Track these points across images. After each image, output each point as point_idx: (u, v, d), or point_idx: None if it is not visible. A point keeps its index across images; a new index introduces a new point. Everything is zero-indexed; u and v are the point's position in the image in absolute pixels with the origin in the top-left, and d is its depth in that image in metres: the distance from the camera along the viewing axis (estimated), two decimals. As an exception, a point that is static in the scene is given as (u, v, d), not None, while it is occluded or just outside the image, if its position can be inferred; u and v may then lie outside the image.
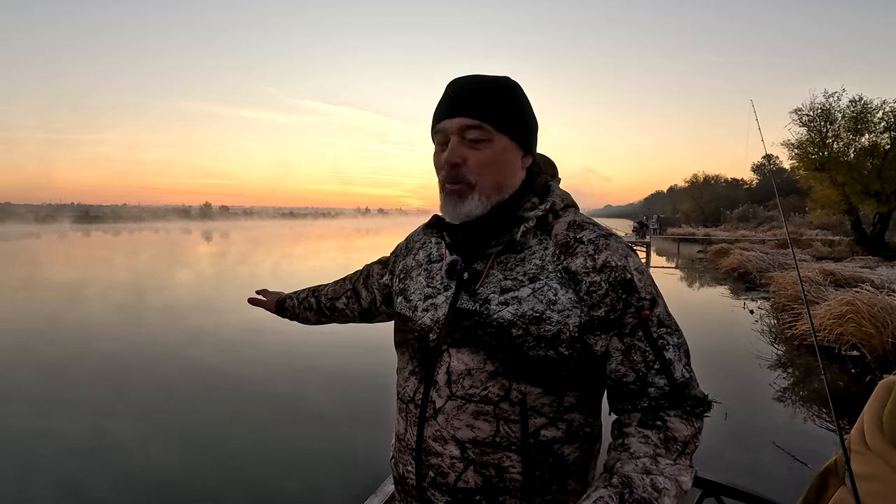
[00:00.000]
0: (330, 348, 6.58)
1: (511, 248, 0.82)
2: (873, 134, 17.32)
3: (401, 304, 0.92)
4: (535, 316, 0.76)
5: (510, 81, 0.84)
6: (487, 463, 0.78)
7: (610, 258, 0.77)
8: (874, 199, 16.99)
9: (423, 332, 0.84)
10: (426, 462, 0.82)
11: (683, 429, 0.74)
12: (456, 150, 0.80)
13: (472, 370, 0.78)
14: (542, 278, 0.78)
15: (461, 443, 0.78)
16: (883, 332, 5.97)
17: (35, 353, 6.68)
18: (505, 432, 0.77)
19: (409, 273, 0.95)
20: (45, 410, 4.70)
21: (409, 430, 0.84)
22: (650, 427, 0.73)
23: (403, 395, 0.87)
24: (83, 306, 10.03)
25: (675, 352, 0.76)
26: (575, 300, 0.76)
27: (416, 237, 1.01)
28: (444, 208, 0.84)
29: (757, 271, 13.67)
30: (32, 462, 3.74)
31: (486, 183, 0.81)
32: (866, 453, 0.92)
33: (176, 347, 6.94)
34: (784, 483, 3.41)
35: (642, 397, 0.75)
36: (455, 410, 0.79)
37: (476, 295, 0.80)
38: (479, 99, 0.80)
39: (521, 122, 0.83)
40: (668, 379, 0.75)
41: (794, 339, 7.17)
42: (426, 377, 0.82)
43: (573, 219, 0.84)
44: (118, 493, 3.34)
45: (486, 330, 0.77)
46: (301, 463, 3.73)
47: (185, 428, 4.34)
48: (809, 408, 4.89)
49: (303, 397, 5.03)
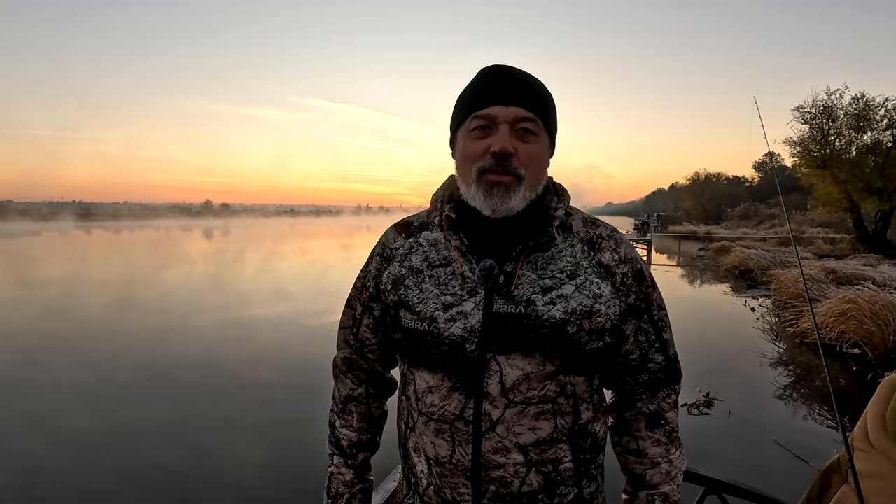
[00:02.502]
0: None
1: (540, 246, 0.80)
2: (875, 131, 17.28)
3: (407, 318, 0.82)
4: (585, 311, 0.77)
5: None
6: (546, 460, 0.78)
7: (627, 251, 0.84)
8: (876, 197, 16.95)
9: (455, 344, 0.77)
10: (486, 478, 0.77)
11: (675, 417, 0.88)
12: (509, 139, 0.76)
13: (530, 374, 0.76)
14: (580, 274, 0.79)
15: (524, 448, 0.77)
16: (885, 330, 5.97)
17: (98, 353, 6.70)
18: (560, 425, 0.78)
19: (401, 282, 0.84)
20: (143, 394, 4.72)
21: (459, 451, 0.78)
22: (657, 427, 0.86)
23: (444, 415, 0.79)
24: (100, 303, 10.05)
25: (669, 332, 0.88)
26: (612, 291, 0.80)
27: (394, 243, 0.89)
28: (481, 200, 0.78)
29: (758, 269, 13.66)
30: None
31: (531, 178, 0.79)
32: (869, 451, 0.92)
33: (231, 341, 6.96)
34: (786, 480, 3.41)
35: (643, 372, 0.85)
36: (515, 417, 0.76)
37: (513, 297, 0.77)
38: (535, 93, 0.79)
39: (556, 126, 0.84)
40: (665, 355, 0.86)
41: (795, 337, 7.17)
42: (474, 390, 0.76)
43: (584, 216, 0.87)
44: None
45: (539, 331, 0.75)
46: (300, 457, 3.73)
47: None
48: (811, 405, 4.90)
49: (307, 391, 5.04)
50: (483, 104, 0.78)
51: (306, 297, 11.02)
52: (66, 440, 4.07)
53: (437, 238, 0.85)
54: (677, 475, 0.86)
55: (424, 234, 0.87)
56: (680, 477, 0.87)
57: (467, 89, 0.82)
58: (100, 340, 7.19)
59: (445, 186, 0.89)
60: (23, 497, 3.32)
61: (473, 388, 0.77)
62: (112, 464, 3.68)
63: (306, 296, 11.14)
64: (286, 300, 10.44)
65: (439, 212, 0.85)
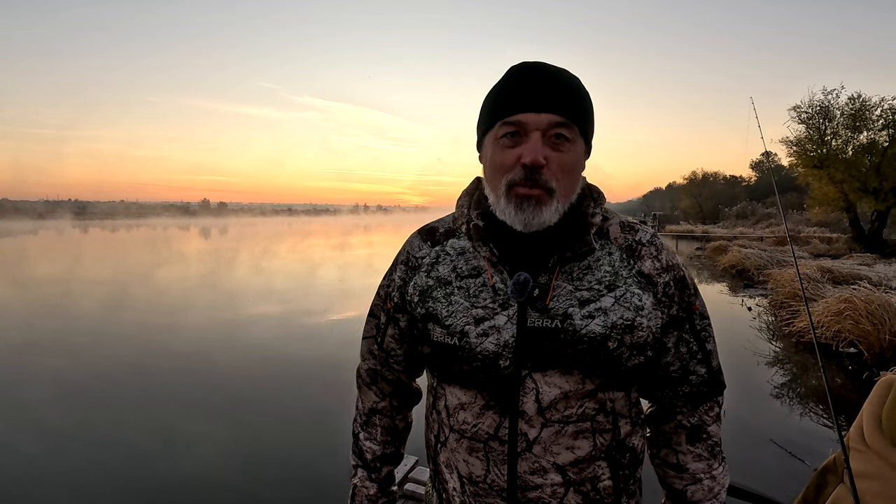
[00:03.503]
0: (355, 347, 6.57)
1: (577, 255, 0.75)
2: (872, 131, 17.37)
3: (436, 331, 0.78)
4: (626, 325, 0.73)
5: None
6: (584, 479, 0.75)
7: (669, 258, 0.79)
8: (872, 197, 17.04)
9: (488, 360, 0.74)
10: (523, 499, 0.75)
11: (718, 431, 0.84)
12: (541, 149, 0.70)
13: (569, 392, 0.73)
14: (620, 285, 0.74)
15: (562, 468, 0.74)
16: (880, 330, 5.99)
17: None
18: (599, 443, 0.75)
19: (429, 294, 0.80)
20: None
21: (494, 471, 0.75)
22: (698, 441, 0.82)
23: (478, 433, 0.76)
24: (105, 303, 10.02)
25: (713, 342, 0.82)
26: (654, 302, 0.75)
27: (420, 252, 0.85)
28: (511, 215, 0.73)
29: (755, 268, 13.70)
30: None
31: (563, 189, 0.73)
32: (865, 451, 0.92)
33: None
34: (782, 480, 3.42)
35: (683, 384, 0.81)
36: (553, 437, 0.73)
37: (549, 311, 0.73)
38: (571, 96, 0.72)
39: (593, 128, 0.78)
40: (708, 368, 0.81)
41: (791, 336, 7.19)
42: (509, 409, 0.73)
43: (621, 220, 0.81)
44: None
45: (577, 347, 0.72)
46: (305, 459, 3.73)
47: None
48: (806, 404, 4.91)
49: (316, 394, 5.04)
50: (513, 109, 0.71)
51: (305, 295, 11.01)
52: (38, 426, 4.05)
53: (465, 246, 0.81)
54: (720, 492, 0.83)
55: (451, 242, 0.83)
56: (723, 494, 0.83)
57: (495, 90, 0.75)
58: (97, 336, 7.16)
59: (471, 190, 0.84)
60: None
61: (508, 406, 0.73)
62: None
63: (305, 294, 11.12)
64: (285, 301, 10.43)
65: (466, 219, 0.79)
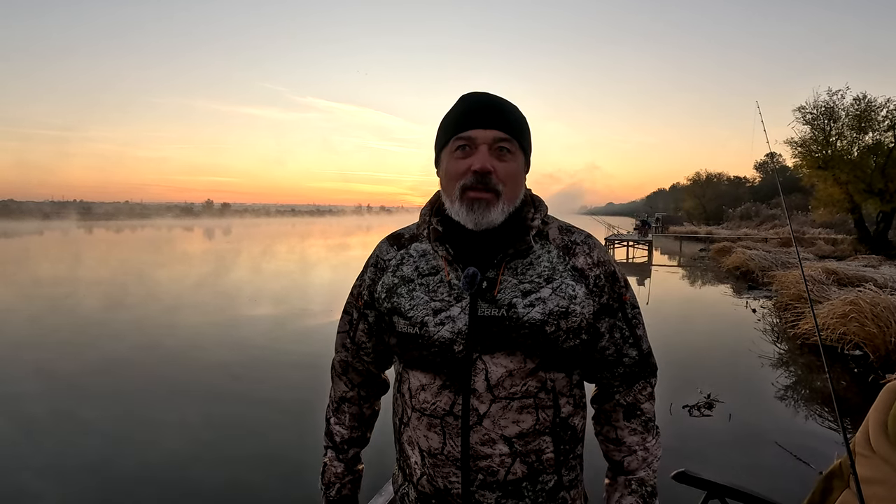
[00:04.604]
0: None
1: (519, 253, 0.88)
2: (877, 132, 17.27)
3: (400, 323, 0.90)
4: (561, 311, 0.84)
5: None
6: (530, 450, 0.86)
7: (600, 255, 0.92)
8: (877, 198, 16.94)
9: (444, 345, 0.85)
10: (475, 467, 0.85)
11: (651, 408, 0.95)
12: (488, 158, 0.84)
13: (513, 371, 0.84)
14: (556, 278, 0.87)
15: (509, 439, 0.84)
16: (886, 332, 5.95)
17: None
18: (542, 418, 0.86)
19: (394, 291, 0.92)
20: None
21: (450, 443, 0.86)
22: (633, 417, 0.94)
23: (435, 410, 0.87)
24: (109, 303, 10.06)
25: (642, 329, 0.95)
26: (587, 292, 0.88)
27: (387, 255, 0.98)
28: (464, 215, 0.85)
29: (759, 270, 13.65)
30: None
31: (508, 193, 0.86)
32: (871, 457, 0.92)
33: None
34: (787, 483, 3.41)
35: (618, 366, 0.93)
36: (500, 411, 0.84)
37: (496, 301, 0.84)
38: (511, 117, 0.88)
39: (530, 145, 0.93)
40: (639, 351, 0.94)
41: (796, 339, 7.16)
42: (462, 388, 0.84)
43: (560, 224, 0.96)
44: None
45: (520, 332, 0.83)
46: (303, 459, 3.74)
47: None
48: (812, 407, 4.89)
49: (315, 394, 5.05)
50: (464, 127, 0.86)
51: (304, 296, 11.03)
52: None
53: (426, 249, 0.93)
54: (653, 461, 0.94)
55: (414, 246, 0.96)
56: (656, 463, 0.94)
57: (450, 114, 0.90)
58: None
59: (433, 201, 0.97)
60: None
61: (461, 385, 0.84)
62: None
63: (304, 295, 11.15)
64: (288, 299, 10.45)
65: (427, 224, 0.92)
